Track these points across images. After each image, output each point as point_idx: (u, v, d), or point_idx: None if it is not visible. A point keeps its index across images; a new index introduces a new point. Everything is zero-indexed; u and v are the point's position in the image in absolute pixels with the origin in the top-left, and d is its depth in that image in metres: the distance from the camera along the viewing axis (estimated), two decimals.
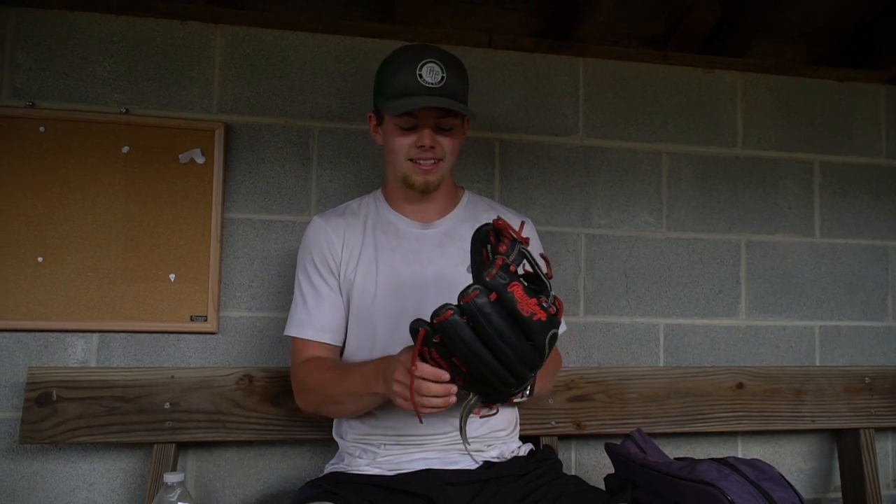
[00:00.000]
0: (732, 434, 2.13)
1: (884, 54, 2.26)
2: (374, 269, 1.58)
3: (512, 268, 1.12)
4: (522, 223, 1.28)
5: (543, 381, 1.63)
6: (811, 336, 2.22)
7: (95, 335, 1.85)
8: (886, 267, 2.28)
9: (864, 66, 2.29)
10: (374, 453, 1.53)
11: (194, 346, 1.89)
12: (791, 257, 2.23)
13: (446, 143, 1.54)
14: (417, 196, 1.60)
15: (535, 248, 1.68)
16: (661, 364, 2.11)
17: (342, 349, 1.62)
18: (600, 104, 2.16)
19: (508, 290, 1.09)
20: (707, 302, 2.16)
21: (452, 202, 1.67)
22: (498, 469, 1.52)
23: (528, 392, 1.29)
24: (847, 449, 2.10)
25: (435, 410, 1.26)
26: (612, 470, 1.74)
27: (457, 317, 1.11)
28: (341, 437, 1.62)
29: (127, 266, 1.86)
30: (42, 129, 1.85)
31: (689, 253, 2.16)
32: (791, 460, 2.17)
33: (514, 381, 1.18)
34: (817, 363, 2.21)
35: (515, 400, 1.29)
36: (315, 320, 1.57)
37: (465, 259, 1.58)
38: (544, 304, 1.12)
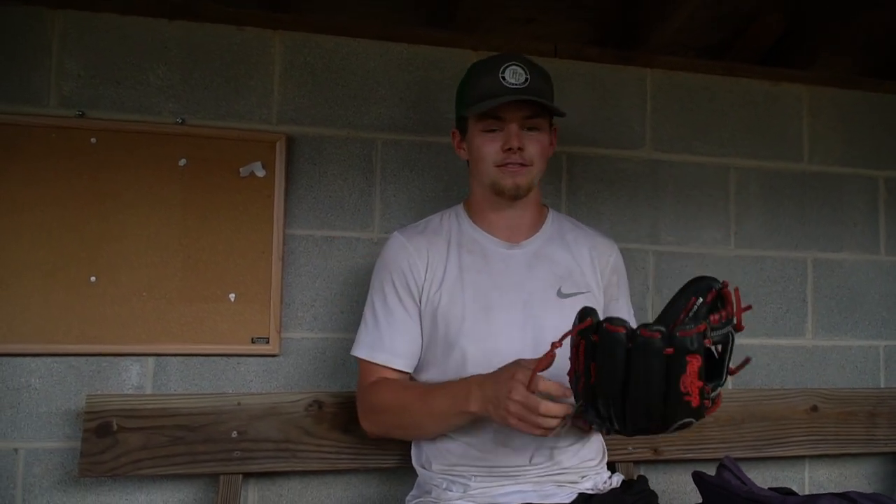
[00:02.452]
0: (800, 458, 2.08)
1: None
2: (461, 292, 1.49)
3: (707, 341, 1.05)
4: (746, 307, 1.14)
5: None
6: (876, 356, 2.17)
7: (151, 359, 1.75)
8: None
9: None
10: (465, 485, 1.45)
11: (255, 370, 1.80)
12: (857, 275, 2.18)
13: (533, 147, 1.47)
14: (505, 205, 1.53)
15: (619, 277, 1.63)
16: (730, 386, 2.05)
17: (416, 375, 1.54)
18: (668, 117, 2.10)
19: (687, 358, 1.03)
20: (774, 321, 2.11)
21: (539, 220, 1.60)
22: (596, 503, 1.45)
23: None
24: None
25: (548, 433, 1.22)
26: (692, 499, 1.67)
27: (624, 336, 1.07)
28: (423, 467, 1.53)
29: (184, 285, 1.76)
30: (93, 140, 1.74)
31: (756, 271, 2.11)
32: (856, 483, 2.12)
33: (618, 423, 1.15)
34: (882, 384, 2.16)
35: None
36: (388, 344, 1.50)
37: (555, 281, 1.52)
38: (706, 394, 1.07)
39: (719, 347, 1.11)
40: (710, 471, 1.65)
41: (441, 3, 1.93)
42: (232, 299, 1.78)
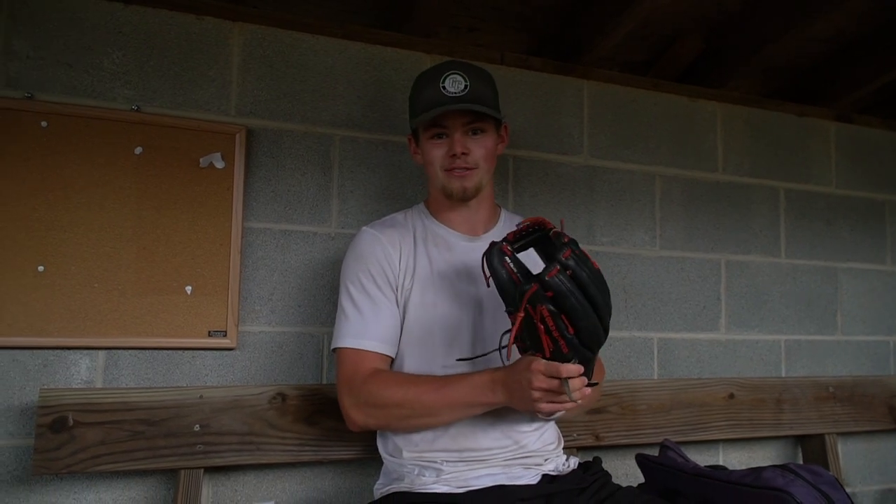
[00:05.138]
0: (716, 442, 2.27)
1: (834, 94, 2.50)
2: (431, 282, 1.56)
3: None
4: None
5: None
6: (778, 349, 2.41)
7: (102, 352, 1.68)
8: (836, 286, 2.52)
9: (820, 104, 2.53)
10: (438, 470, 1.50)
11: (211, 364, 1.77)
12: (762, 276, 2.41)
13: (478, 151, 1.56)
14: (459, 206, 1.62)
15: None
16: (656, 376, 2.21)
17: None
18: (602, 126, 2.25)
19: (580, 249, 1.24)
20: (693, 317, 2.29)
21: (494, 216, 1.70)
22: (560, 483, 1.54)
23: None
24: (813, 453, 2.29)
25: (574, 407, 1.33)
26: (631, 480, 1.80)
27: (565, 273, 1.19)
28: (392, 456, 1.57)
29: (139, 277, 1.71)
30: (44, 123, 1.67)
31: (678, 270, 2.29)
32: (761, 464, 2.32)
33: (604, 336, 1.28)
34: (783, 374, 2.40)
35: (588, 384, 1.32)
36: (374, 331, 1.53)
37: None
38: None
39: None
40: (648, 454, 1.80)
41: (394, 10, 1.98)
42: (188, 292, 1.75)
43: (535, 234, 1.36)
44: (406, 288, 1.55)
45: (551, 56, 2.21)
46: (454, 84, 1.53)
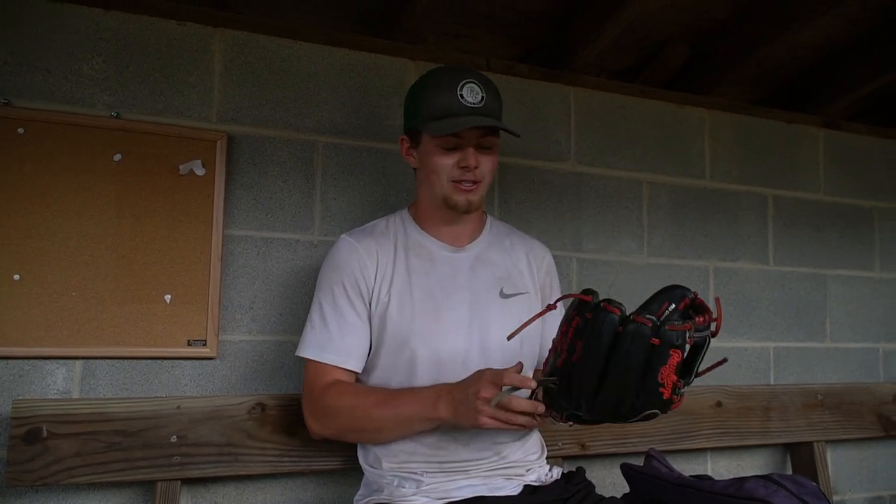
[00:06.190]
0: (703, 450, 2.25)
1: (822, 101, 2.50)
2: (410, 292, 1.53)
3: (689, 340, 1.11)
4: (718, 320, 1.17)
5: None
6: (767, 356, 2.39)
7: (79, 362, 1.66)
8: (825, 293, 2.51)
9: (808, 111, 2.52)
10: (418, 481, 1.48)
11: (190, 373, 1.74)
12: (750, 283, 2.40)
13: (486, 164, 1.54)
14: (454, 217, 1.58)
15: (552, 278, 1.72)
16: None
17: (362, 376, 1.56)
18: (589, 133, 2.23)
19: (670, 351, 1.09)
20: None
21: (480, 225, 1.67)
22: (542, 494, 1.52)
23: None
24: (801, 461, 2.27)
25: (520, 429, 1.31)
26: (616, 490, 1.78)
27: (617, 319, 1.12)
28: (372, 467, 1.55)
29: (117, 286, 1.69)
30: (21, 130, 1.65)
31: (665, 277, 2.27)
32: (750, 472, 2.31)
33: (585, 408, 1.19)
34: (772, 381, 2.38)
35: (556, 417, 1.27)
36: (338, 344, 1.51)
37: (496, 282, 1.59)
38: (677, 389, 1.14)
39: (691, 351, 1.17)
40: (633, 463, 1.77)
41: (380, 16, 1.96)
42: (168, 300, 1.72)
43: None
44: (383, 301, 1.53)
45: (538, 62, 2.20)
46: (472, 94, 1.49)
